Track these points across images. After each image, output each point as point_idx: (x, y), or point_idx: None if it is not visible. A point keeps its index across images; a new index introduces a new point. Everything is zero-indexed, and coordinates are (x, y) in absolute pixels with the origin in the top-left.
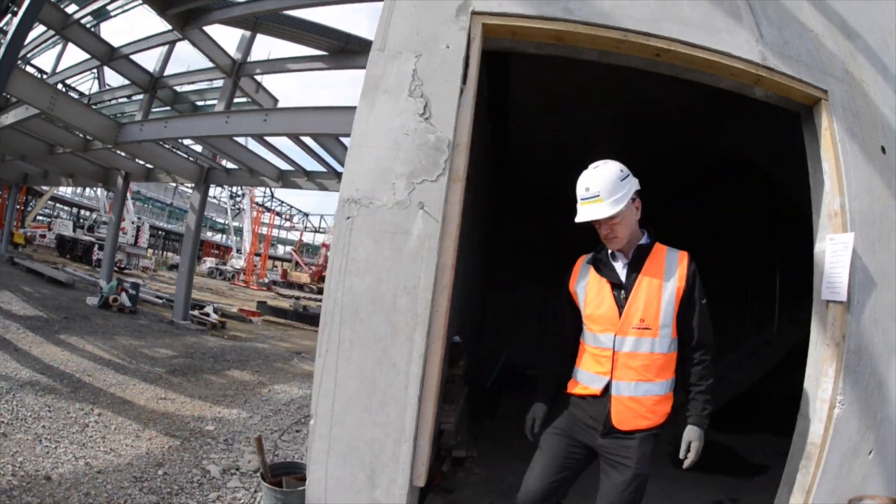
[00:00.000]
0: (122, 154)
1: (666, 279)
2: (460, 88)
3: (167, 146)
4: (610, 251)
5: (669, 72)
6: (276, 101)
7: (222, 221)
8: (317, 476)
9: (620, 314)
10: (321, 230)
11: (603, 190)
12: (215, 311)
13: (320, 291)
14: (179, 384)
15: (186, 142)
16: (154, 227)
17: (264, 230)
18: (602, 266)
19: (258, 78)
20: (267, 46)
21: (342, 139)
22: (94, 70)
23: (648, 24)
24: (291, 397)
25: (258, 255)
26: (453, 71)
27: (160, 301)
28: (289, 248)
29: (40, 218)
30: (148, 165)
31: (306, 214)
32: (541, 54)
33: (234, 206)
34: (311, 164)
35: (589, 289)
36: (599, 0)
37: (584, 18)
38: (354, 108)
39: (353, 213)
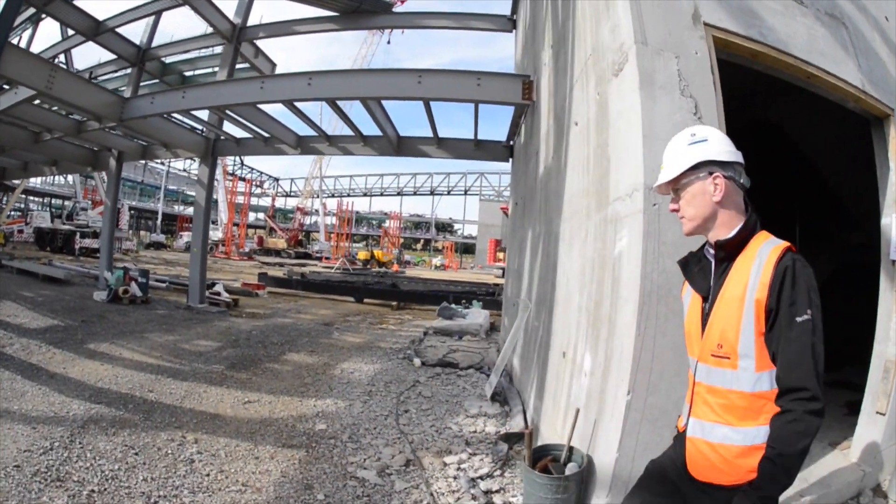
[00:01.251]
0: (116, 132)
1: (749, 288)
2: (714, 94)
3: (174, 119)
4: (706, 247)
5: (814, 90)
6: (273, 65)
7: (194, 194)
8: (628, 447)
9: (703, 332)
10: (292, 194)
11: (667, 156)
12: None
13: (298, 256)
14: (249, 380)
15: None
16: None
17: (239, 199)
18: (691, 267)
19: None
20: (259, 10)
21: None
22: (63, 54)
23: (805, 54)
24: (367, 375)
25: (236, 224)
26: (706, 76)
27: (163, 284)
28: (261, 216)
29: (13, 213)
30: (144, 142)
31: (277, 180)
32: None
33: None
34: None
35: (684, 294)
36: (780, 31)
37: (771, 43)
38: (401, 70)
39: (658, 199)
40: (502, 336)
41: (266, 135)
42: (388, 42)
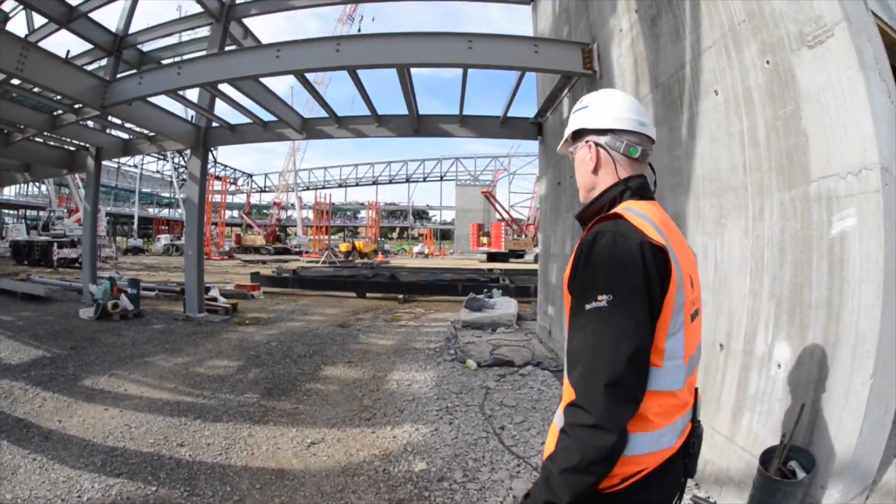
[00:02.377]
0: (94, 127)
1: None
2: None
3: (161, 106)
4: None
5: None
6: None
7: (168, 195)
8: (867, 433)
9: None
10: (267, 189)
11: None
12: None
13: (278, 252)
14: (296, 411)
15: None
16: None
17: (215, 198)
18: None
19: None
20: None
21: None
22: None
23: None
24: (429, 387)
25: (214, 223)
26: (885, 61)
27: (152, 293)
28: (236, 213)
29: None
30: (125, 136)
31: (250, 175)
32: None
33: (178, 177)
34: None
35: None
36: None
37: None
38: (449, 33)
39: (889, 180)
40: (541, 324)
41: (272, 117)
42: (359, 30)
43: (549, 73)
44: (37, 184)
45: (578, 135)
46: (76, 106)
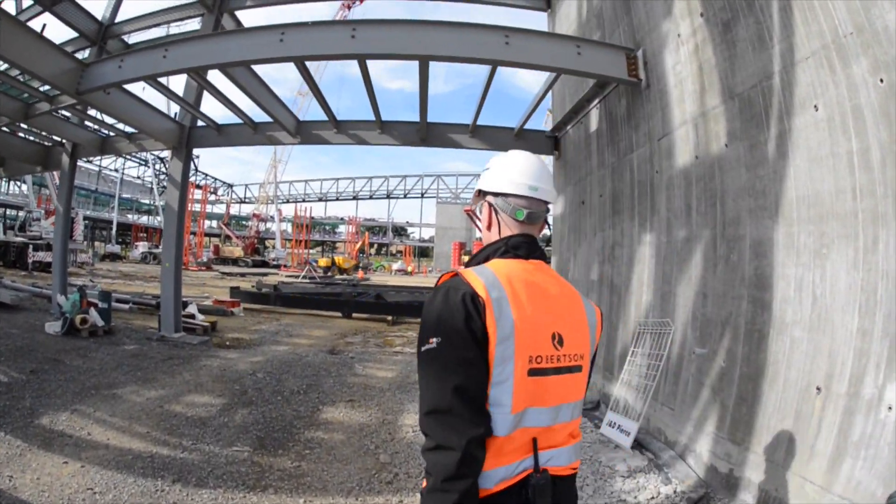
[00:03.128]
0: (72, 120)
1: None
2: None
3: (143, 99)
4: None
5: None
6: None
7: (148, 202)
8: None
9: None
10: (247, 200)
11: None
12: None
13: (256, 264)
14: (298, 471)
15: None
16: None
17: (195, 207)
18: None
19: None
20: None
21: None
22: None
23: None
24: None
25: (193, 233)
26: None
27: (126, 306)
28: (215, 223)
29: None
30: (102, 133)
31: (231, 186)
32: None
33: (159, 184)
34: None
35: None
36: None
37: None
38: (484, 25)
39: None
40: None
41: (264, 118)
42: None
43: (590, 77)
44: (18, 182)
45: (482, 193)
46: (50, 93)
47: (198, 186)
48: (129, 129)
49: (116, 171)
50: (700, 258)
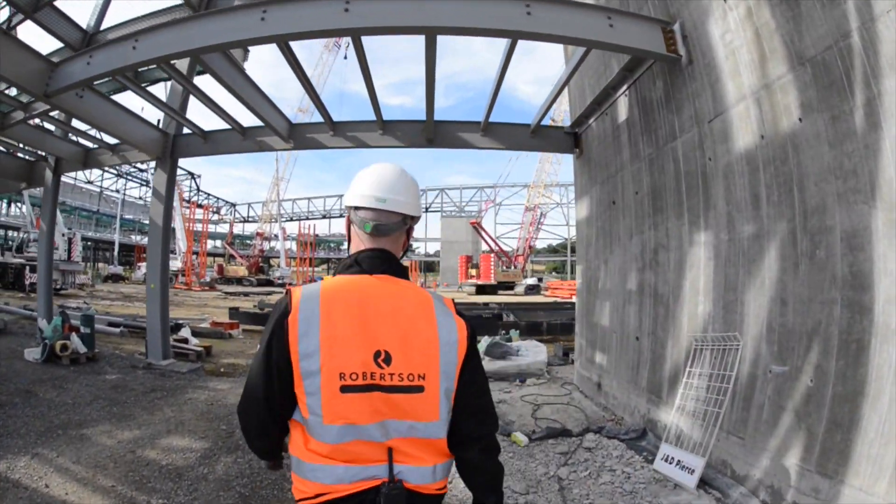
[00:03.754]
0: (56, 133)
1: None
2: None
3: (122, 105)
4: None
5: None
6: (246, 51)
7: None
8: None
9: None
10: (250, 219)
11: None
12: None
13: (261, 283)
14: None
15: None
16: (82, 237)
17: (197, 227)
18: None
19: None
20: None
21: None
22: None
23: None
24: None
25: (195, 253)
26: None
27: (117, 330)
28: (219, 243)
29: None
30: (84, 143)
31: (234, 205)
32: None
33: None
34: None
35: None
36: None
37: None
38: None
39: None
40: (582, 374)
41: (254, 122)
42: (346, 57)
43: (624, 52)
44: (18, 203)
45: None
46: (25, 99)
47: (199, 205)
48: (113, 141)
49: (118, 191)
50: (775, 257)
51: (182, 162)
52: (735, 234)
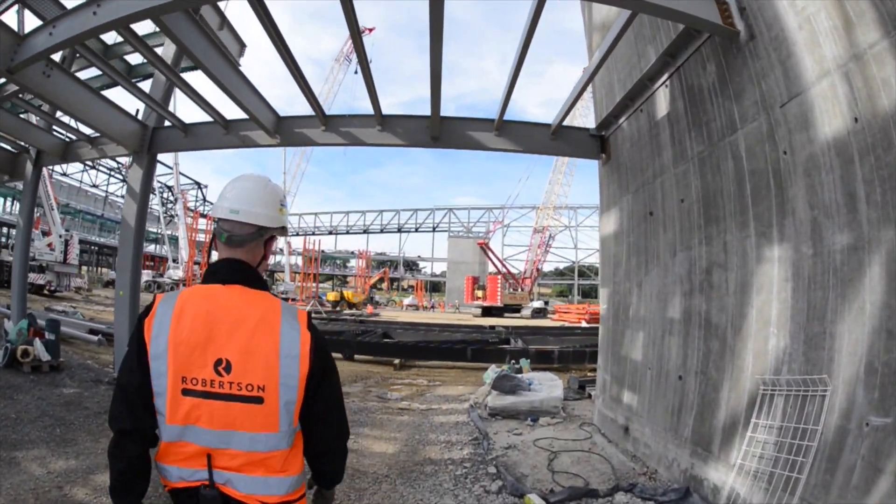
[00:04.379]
0: (35, 121)
1: None
2: None
3: (102, 95)
4: None
5: None
6: (242, 46)
7: (155, 231)
8: None
9: None
10: None
11: None
12: None
13: None
14: None
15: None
16: (85, 241)
17: (201, 237)
18: None
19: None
20: None
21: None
22: None
23: None
24: None
25: (197, 263)
26: None
27: (95, 337)
28: None
29: None
30: (62, 135)
31: None
32: None
33: (166, 213)
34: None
35: None
36: None
37: None
38: None
39: None
40: (606, 414)
41: (239, 114)
42: (356, 72)
43: (677, 20)
44: (20, 200)
45: None
46: None
47: (202, 215)
48: (94, 134)
49: (122, 197)
50: (880, 276)
51: (190, 170)
52: (822, 246)
